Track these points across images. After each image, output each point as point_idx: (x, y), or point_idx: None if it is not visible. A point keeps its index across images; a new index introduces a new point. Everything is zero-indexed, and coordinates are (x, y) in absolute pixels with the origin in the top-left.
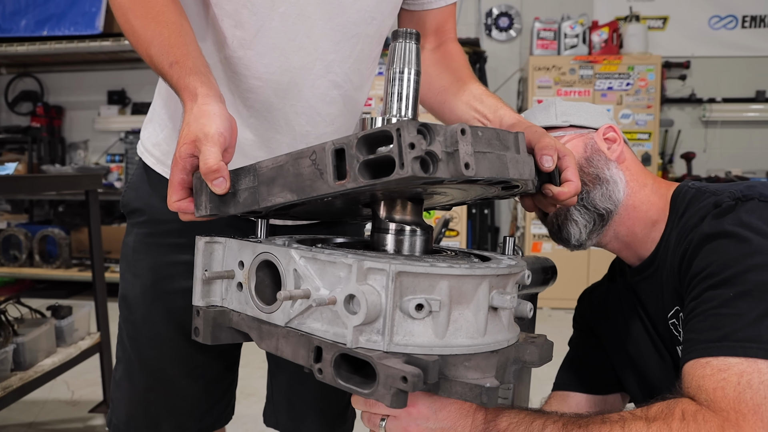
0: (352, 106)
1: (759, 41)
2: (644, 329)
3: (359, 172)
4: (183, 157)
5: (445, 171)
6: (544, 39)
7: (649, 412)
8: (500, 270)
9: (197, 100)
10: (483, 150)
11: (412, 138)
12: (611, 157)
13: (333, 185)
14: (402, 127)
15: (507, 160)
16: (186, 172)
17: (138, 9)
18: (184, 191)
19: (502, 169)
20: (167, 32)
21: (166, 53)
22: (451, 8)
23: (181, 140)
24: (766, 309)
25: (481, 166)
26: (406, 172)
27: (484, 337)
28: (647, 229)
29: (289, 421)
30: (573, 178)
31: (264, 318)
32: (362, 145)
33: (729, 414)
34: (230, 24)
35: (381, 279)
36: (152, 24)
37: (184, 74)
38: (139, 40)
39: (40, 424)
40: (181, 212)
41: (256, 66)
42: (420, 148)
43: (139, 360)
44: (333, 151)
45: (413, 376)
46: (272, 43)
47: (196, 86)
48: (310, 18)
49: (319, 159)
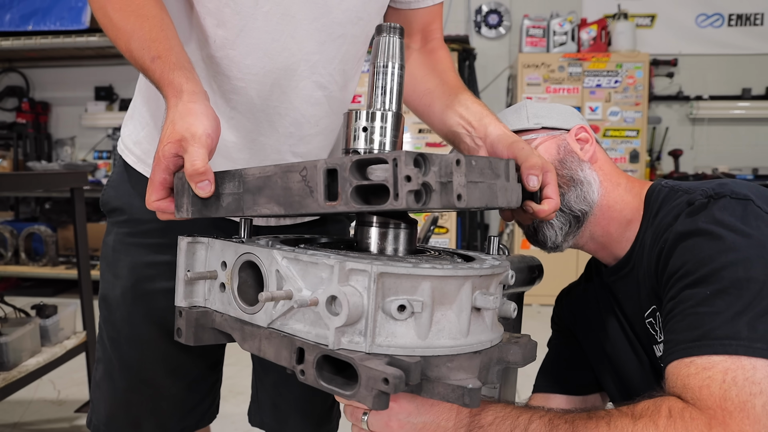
0: (338, 106)
1: (745, 39)
2: (621, 329)
3: (351, 197)
4: (166, 156)
5: (438, 201)
6: (534, 36)
7: (635, 410)
8: (483, 271)
9: (182, 97)
10: (475, 180)
11: (409, 170)
12: (584, 158)
13: (323, 205)
14: (399, 158)
15: (497, 188)
16: (168, 171)
17: (117, 1)
18: (164, 191)
19: (492, 198)
20: (148, 26)
21: (147, 47)
22: (437, 8)
23: (164, 138)
24: (742, 305)
25: (473, 197)
26: (400, 204)
27: (467, 338)
28: (622, 229)
29: (273, 421)
30: (553, 195)
31: (246, 319)
32: (356, 169)
33: (716, 412)
34: (212, 23)
35: (363, 280)
36: (132, 17)
37: (168, 69)
38: (118, 33)
39: (25, 425)
40: (159, 212)
41: (239, 66)
42: (416, 181)
43: (120, 360)
44: (325, 171)
45: (395, 377)
46: (255, 43)
47: (181, 82)
48: (295, 18)
49: (310, 176)
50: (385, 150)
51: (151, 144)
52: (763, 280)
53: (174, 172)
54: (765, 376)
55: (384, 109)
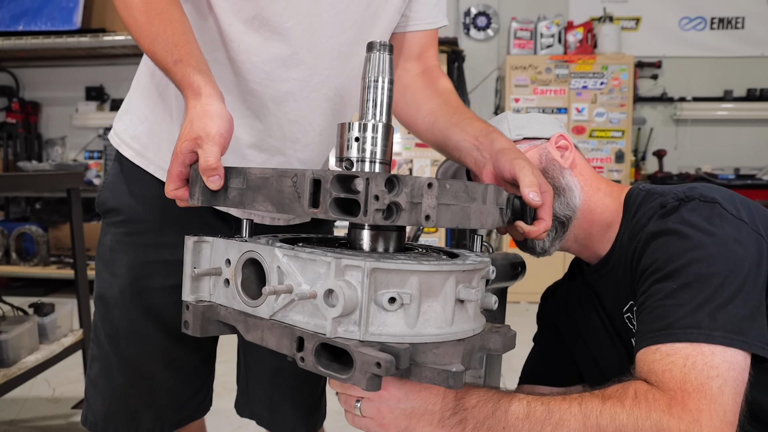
0: (340, 118)
1: (726, 42)
2: (602, 324)
3: (330, 207)
4: (183, 152)
5: (406, 220)
6: (521, 39)
7: (605, 392)
8: (466, 266)
9: (201, 99)
10: (448, 202)
11: (378, 191)
12: (565, 165)
13: (307, 211)
14: (371, 178)
15: (471, 211)
16: (185, 165)
17: (142, 5)
18: (181, 182)
19: (464, 219)
20: (171, 29)
21: (170, 51)
22: (432, 34)
23: (182, 136)
24: (704, 298)
25: (443, 218)
26: (368, 219)
27: (452, 327)
28: (603, 230)
29: (266, 411)
30: (546, 217)
31: (249, 311)
32: (336, 182)
33: (676, 393)
34: (241, 30)
35: (357, 275)
36: (156, 20)
37: (188, 72)
38: (142, 35)
39: (21, 422)
40: (177, 199)
41: (258, 72)
42: (383, 201)
43: (118, 356)
44: (311, 180)
45: (386, 362)
46: (277, 53)
47: (201, 85)
48: (314, 35)
49: (299, 183)
50: (376, 158)
51: (150, 139)
52: (724, 275)
53: (189, 165)
54: (723, 361)
55: (375, 121)
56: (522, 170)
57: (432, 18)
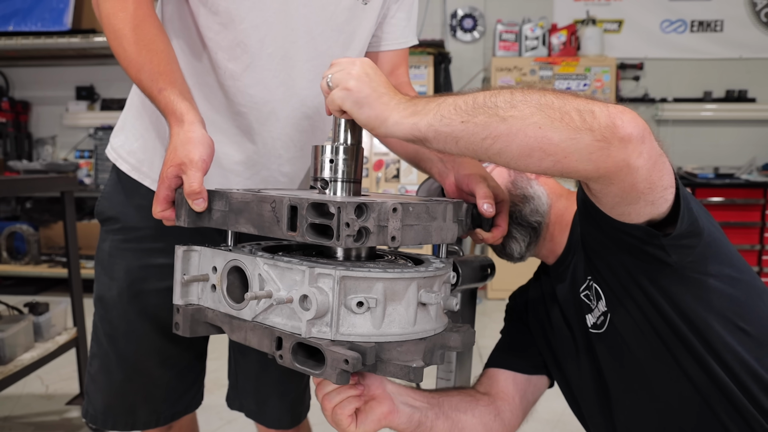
0: (320, 133)
1: (706, 44)
2: (563, 319)
3: (306, 231)
4: (169, 177)
5: (375, 241)
6: (506, 41)
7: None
8: (427, 273)
9: (183, 126)
10: (411, 223)
11: (348, 219)
12: (531, 176)
13: (286, 234)
14: (342, 207)
15: (432, 229)
16: (171, 189)
17: (132, 36)
18: (167, 204)
19: (426, 237)
20: (156, 60)
21: (155, 79)
22: (402, 52)
23: (167, 162)
24: None
25: (407, 237)
26: (341, 244)
27: (414, 327)
28: (563, 231)
29: (254, 404)
30: (502, 224)
31: (234, 314)
32: (311, 209)
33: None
34: (224, 57)
35: (329, 282)
36: (144, 51)
37: (172, 100)
38: (130, 64)
39: (16, 418)
40: (164, 219)
41: (243, 95)
42: (353, 228)
43: (117, 354)
44: (289, 206)
45: (354, 359)
46: (259, 77)
47: (183, 112)
48: (292, 59)
49: (278, 208)
50: (347, 177)
51: (145, 154)
52: None
53: (175, 189)
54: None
55: (346, 144)
56: (478, 184)
57: (403, 38)
